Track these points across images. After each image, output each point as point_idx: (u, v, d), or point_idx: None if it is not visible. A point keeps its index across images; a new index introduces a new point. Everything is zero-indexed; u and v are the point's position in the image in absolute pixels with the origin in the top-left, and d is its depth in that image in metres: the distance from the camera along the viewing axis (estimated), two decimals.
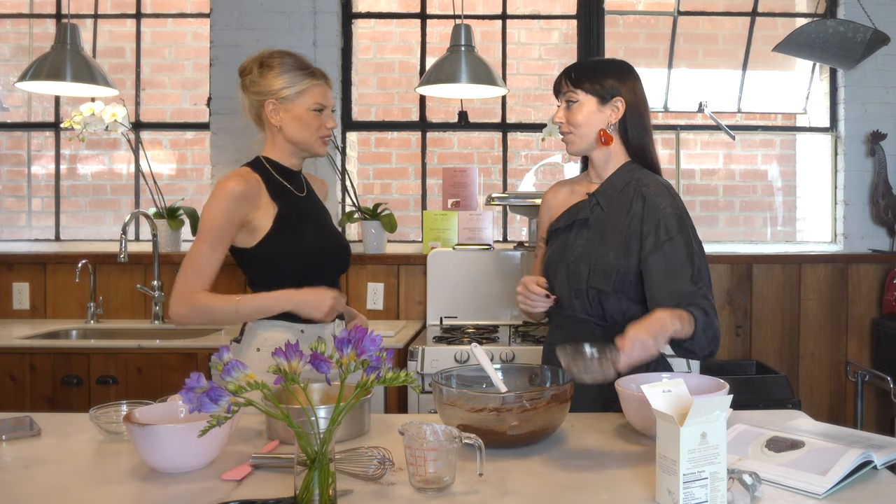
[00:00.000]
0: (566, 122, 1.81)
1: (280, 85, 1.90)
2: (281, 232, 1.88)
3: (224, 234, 1.83)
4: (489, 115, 3.97)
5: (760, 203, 4.14)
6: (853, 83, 3.58)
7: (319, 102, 1.92)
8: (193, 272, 1.81)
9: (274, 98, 1.90)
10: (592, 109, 1.79)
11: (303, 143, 1.94)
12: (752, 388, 3.04)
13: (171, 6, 3.96)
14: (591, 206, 1.82)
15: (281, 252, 1.88)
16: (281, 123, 1.92)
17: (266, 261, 1.89)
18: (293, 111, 1.91)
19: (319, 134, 1.93)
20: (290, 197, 1.95)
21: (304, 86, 1.90)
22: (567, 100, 1.81)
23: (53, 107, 3.85)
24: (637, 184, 1.79)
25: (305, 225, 1.94)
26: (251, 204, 1.85)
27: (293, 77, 1.90)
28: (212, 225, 1.82)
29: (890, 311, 3.42)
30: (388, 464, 1.29)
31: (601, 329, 1.76)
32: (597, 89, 1.78)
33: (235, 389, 1.06)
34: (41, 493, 1.24)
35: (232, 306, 1.82)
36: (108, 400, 2.12)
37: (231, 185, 1.83)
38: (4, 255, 3.46)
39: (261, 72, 1.93)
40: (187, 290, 1.80)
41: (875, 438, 1.40)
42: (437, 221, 3.42)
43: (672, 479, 1.11)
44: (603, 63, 1.87)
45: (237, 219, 1.84)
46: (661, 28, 4.03)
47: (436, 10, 3.87)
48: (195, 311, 1.80)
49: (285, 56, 1.94)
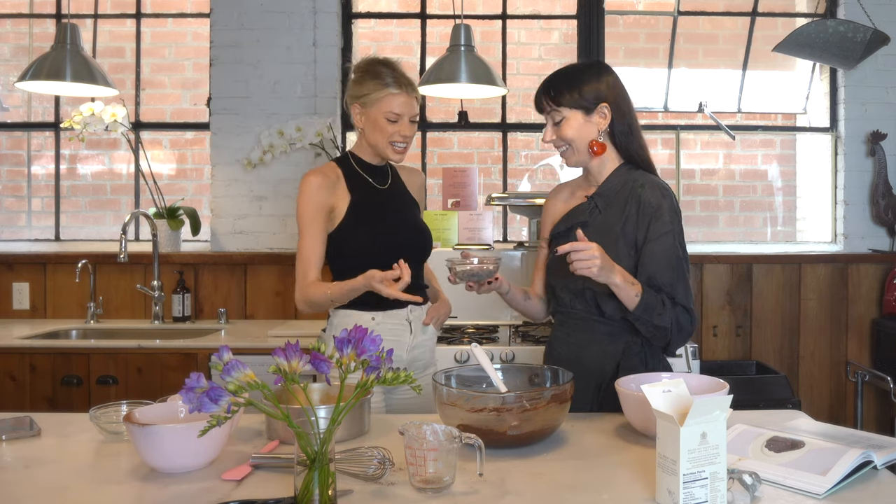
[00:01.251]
0: (557, 139, 1.81)
1: (365, 91, 2.03)
2: (355, 221, 2.02)
3: (316, 221, 1.99)
4: (489, 115, 3.97)
5: (760, 203, 4.14)
6: (853, 83, 3.58)
7: (394, 111, 2.01)
8: (302, 267, 1.98)
9: (359, 102, 2.05)
10: (580, 122, 1.79)
11: (376, 147, 2.06)
12: (752, 388, 3.05)
13: (171, 6, 3.96)
14: (589, 208, 1.84)
15: (356, 240, 2.01)
16: (362, 126, 2.07)
17: (342, 248, 2.03)
18: (371, 116, 2.04)
19: (391, 140, 2.03)
20: (369, 188, 2.08)
21: (384, 94, 2.01)
22: (552, 119, 1.81)
23: (53, 107, 3.85)
24: (633, 185, 1.81)
25: (381, 214, 2.06)
26: (330, 191, 2.01)
27: (377, 84, 2.02)
28: (303, 217, 2.00)
29: (890, 311, 3.43)
30: (388, 464, 1.29)
31: (603, 326, 1.79)
32: (579, 101, 1.78)
33: (235, 389, 1.06)
34: (41, 493, 1.24)
35: (325, 297, 1.95)
36: (108, 400, 2.13)
37: (310, 178, 2.02)
38: (4, 255, 3.46)
39: (357, 76, 2.07)
40: (301, 286, 1.98)
41: (875, 438, 1.40)
42: (437, 221, 3.42)
43: (672, 479, 1.11)
44: (577, 70, 1.83)
45: (323, 205, 2.00)
46: (661, 28, 4.02)
47: (436, 10, 3.87)
48: (310, 303, 1.98)
49: (383, 65, 2.06)
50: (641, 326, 1.71)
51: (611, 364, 1.77)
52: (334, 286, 1.95)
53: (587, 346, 1.80)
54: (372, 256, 1.97)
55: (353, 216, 2.02)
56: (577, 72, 1.82)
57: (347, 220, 2.02)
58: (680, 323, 1.71)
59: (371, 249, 2.00)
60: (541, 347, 2.65)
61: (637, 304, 1.67)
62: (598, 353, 1.79)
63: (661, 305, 1.68)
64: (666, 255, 1.73)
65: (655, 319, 1.68)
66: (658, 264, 1.72)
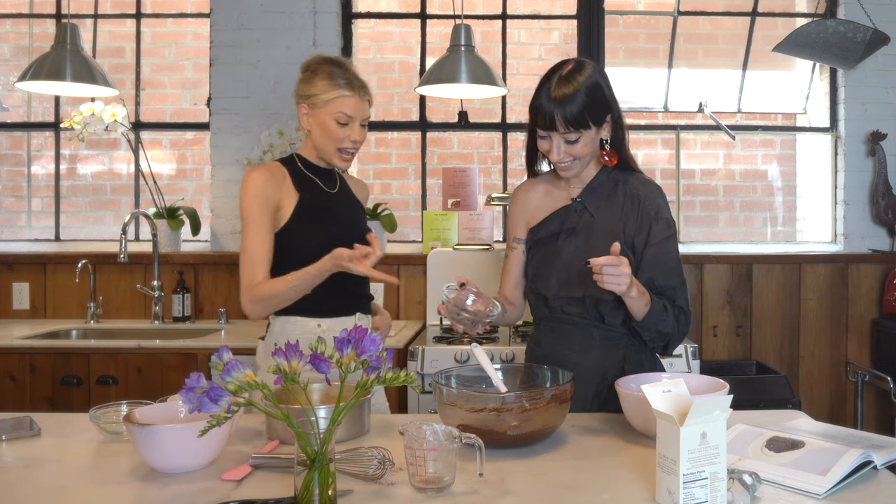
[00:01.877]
0: (569, 156, 1.70)
1: (314, 91, 1.92)
2: (301, 222, 1.92)
3: (263, 217, 1.88)
4: (489, 115, 3.97)
5: (760, 203, 4.14)
6: (853, 83, 3.58)
7: (345, 113, 1.91)
8: (248, 265, 1.87)
9: (307, 102, 1.94)
10: (592, 137, 1.70)
11: (322, 151, 1.96)
12: (752, 388, 3.04)
13: (171, 6, 3.96)
14: (578, 212, 1.79)
15: (303, 243, 1.90)
16: (310, 127, 1.96)
17: (288, 250, 1.91)
18: (319, 118, 1.93)
19: (339, 145, 1.93)
20: (316, 190, 1.98)
21: (334, 95, 1.91)
22: (565, 139, 1.68)
23: (53, 107, 3.85)
24: (625, 186, 1.78)
25: (331, 216, 1.96)
26: (276, 187, 1.91)
27: (328, 85, 1.91)
28: (249, 214, 1.88)
29: (890, 311, 3.42)
30: (388, 464, 1.28)
31: (601, 332, 1.76)
32: (594, 119, 1.68)
33: (235, 389, 1.06)
34: (41, 493, 1.24)
35: (287, 286, 1.83)
36: (108, 400, 2.13)
37: (254, 173, 1.91)
38: (4, 255, 3.46)
39: (306, 75, 1.96)
40: (248, 285, 1.86)
41: (875, 438, 1.40)
42: (437, 221, 3.42)
43: (672, 479, 1.11)
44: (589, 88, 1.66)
45: (269, 201, 1.89)
46: (661, 28, 4.02)
47: (436, 10, 3.87)
48: (262, 302, 1.85)
49: (333, 64, 1.95)
50: (646, 333, 1.71)
51: (612, 370, 1.74)
52: (296, 274, 1.82)
53: (586, 353, 1.76)
54: (319, 257, 1.84)
55: (301, 215, 1.92)
56: (589, 90, 1.66)
57: (295, 219, 1.91)
58: (679, 326, 1.71)
59: (322, 251, 1.83)
60: None
61: (646, 314, 1.65)
62: (597, 358, 1.76)
63: (664, 311, 1.68)
64: (668, 260, 1.72)
65: (660, 326, 1.68)
66: (661, 269, 1.71)
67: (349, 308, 1.98)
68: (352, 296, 2.00)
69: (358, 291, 2.02)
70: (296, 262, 1.87)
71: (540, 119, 1.68)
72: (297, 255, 1.88)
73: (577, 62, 1.71)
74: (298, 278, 1.82)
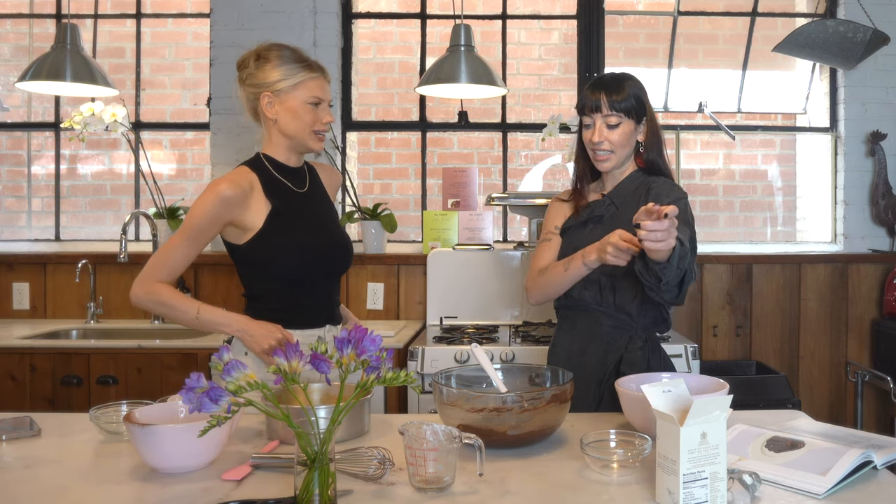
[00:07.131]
0: (607, 142, 1.83)
1: (276, 77, 1.87)
2: (273, 231, 1.86)
3: (204, 233, 1.82)
4: (489, 115, 3.97)
5: (760, 203, 4.14)
6: (853, 83, 3.58)
7: (316, 96, 1.88)
8: (163, 260, 1.81)
9: (269, 90, 1.88)
10: (630, 130, 1.85)
11: (296, 137, 1.90)
12: (752, 388, 3.04)
13: (171, 6, 3.96)
14: (605, 205, 1.90)
15: (273, 252, 1.86)
16: (276, 116, 1.89)
17: (258, 260, 1.87)
18: (288, 104, 1.87)
19: (314, 128, 1.89)
20: (288, 194, 1.92)
21: (300, 78, 1.87)
22: (607, 122, 1.82)
23: (53, 107, 3.84)
24: (647, 184, 1.88)
25: (301, 223, 1.91)
26: (240, 207, 1.83)
27: (289, 69, 1.87)
28: (194, 222, 1.81)
29: (890, 312, 3.42)
30: (388, 464, 1.28)
31: (608, 318, 1.84)
32: (635, 111, 1.83)
33: (235, 389, 1.06)
34: (41, 493, 1.24)
35: (193, 312, 1.79)
36: (108, 400, 2.13)
37: (222, 187, 1.81)
38: (4, 255, 3.46)
39: (257, 64, 1.90)
40: (152, 274, 1.80)
41: (875, 438, 1.40)
42: (437, 221, 3.42)
43: (672, 479, 1.11)
44: (628, 81, 1.86)
45: (221, 221, 1.83)
46: (661, 28, 4.03)
47: (436, 10, 3.87)
48: (152, 298, 1.79)
49: (283, 49, 1.91)
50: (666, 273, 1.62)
51: (613, 356, 1.82)
52: (207, 309, 1.80)
53: (591, 340, 1.86)
54: (289, 271, 1.87)
55: (273, 225, 1.86)
56: (629, 81, 1.85)
57: (267, 229, 1.85)
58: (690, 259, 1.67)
59: (288, 263, 1.85)
60: (541, 347, 2.66)
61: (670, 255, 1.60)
62: (601, 345, 1.84)
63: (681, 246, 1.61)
64: (682, 214, 1.72)
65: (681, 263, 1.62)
66: None
67: (319, 321, 1.94)
68: (325, 308, 1.97)
69: (331, 302, 1.99)
70: (266, 272, 1.87)
71: (587, 103, 1.83)
72: (267, 265, 1.87)
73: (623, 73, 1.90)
74: (206, 314, 1.80)
